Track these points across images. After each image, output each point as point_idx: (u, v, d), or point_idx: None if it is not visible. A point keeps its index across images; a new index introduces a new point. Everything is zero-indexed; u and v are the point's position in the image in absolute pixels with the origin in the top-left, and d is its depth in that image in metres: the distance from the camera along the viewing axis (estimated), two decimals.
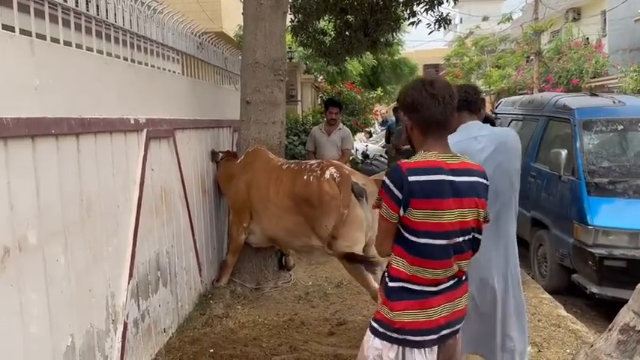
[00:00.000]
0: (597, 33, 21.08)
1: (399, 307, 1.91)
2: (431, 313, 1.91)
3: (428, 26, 7.37)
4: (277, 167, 4.29)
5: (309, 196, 3.90)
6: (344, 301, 4.61)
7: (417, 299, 1.92)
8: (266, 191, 4.21)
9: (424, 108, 1.89)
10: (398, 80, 17.77)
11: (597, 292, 4.54)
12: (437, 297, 1.93)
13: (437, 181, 1.84)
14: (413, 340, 1.91)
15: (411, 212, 1.84)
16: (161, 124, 3.60)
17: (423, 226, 1.85)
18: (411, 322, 1.90)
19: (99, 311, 2.77)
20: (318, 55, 9.06)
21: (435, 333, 1.93)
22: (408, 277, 1.91)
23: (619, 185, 4.86)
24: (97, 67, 2.84)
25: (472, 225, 1.93)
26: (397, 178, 1.85)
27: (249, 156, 4.49)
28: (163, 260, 3.64)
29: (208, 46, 5.11)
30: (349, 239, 3.79)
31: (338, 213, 3.77)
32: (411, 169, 1.85)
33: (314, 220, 3.92)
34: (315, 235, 3.99)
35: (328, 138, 6.24)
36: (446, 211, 1.85)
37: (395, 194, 1.85)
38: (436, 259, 1.88)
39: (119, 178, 3.02)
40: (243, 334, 3.89)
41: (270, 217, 4.23)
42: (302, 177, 4.00)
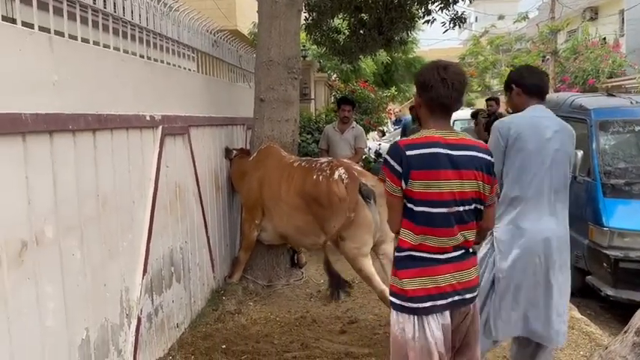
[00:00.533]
0: (615, 32, 20.79)
1: (406, 275, 2.03)
2: (438, 280, 2.01)
3: (443, 25, 7.32)
4: (289, 165, 4.30)
5: (317, 195, 3.91)
6: (355, 300, 4.60)
7: (423, 266, 2.03)
8: (277, 189, 4.22)
9: (433, 89, 2.02)
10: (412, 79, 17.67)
11: (612, 295, 4.48)
12: (443, 265, 2.03)
13: (433, 153, 1.97)
14: (424, 308, 2.01)
15: (412, 184, 1.97)
16: (176, 121, 3.63)
17: (423, 196, 1.98)
18: (419, 288, 2.01)
19: (113, 305, 2.81)
20: (331, 54, 9.06)
21: (443, 298, 2.02)
22: (414, 246, 2.03)
23: (635, 187, 4.80)
24: (114, 64, 2.87)
25: (472, 196, 2.03)
26: (396, 153, 2.00)
27: (262, 153, 4.51)
28: (177, 256, 3.67)
29: (223, 44, 5.14)
30: (357, 241, 3.78)
31: (345, 215, 3.77)
32: (408, 144, 2.01)
33: (323, 219, 3.93)
34: (325, 235, 3.99)
35: (341, 136, 6.22)
36: (444, 181, 1.97)
37: (395, 168, 1.99)
38: (437, 226, 2.00)
39: (135, 174, 3.05)
40: (255, 331, 3.92)
41: (281, 215, 4.24)
42: (312, 176, 4.00)
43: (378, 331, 3.92)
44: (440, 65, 2.06)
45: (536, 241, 2.64)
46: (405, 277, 2.04)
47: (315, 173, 4.00)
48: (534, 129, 2.68)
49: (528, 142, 2.65)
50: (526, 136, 2.66)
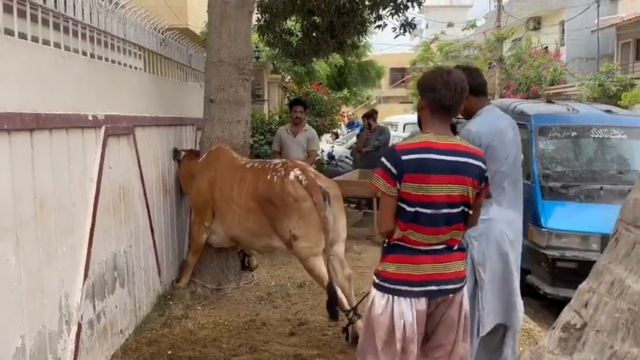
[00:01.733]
0: (556, 42, 21.83)
1: (389, 260, 2.23)
2: (417, 268, 2.19)
3: (394, 30, 7.47)
4: (241, 166, 4.26)
5: (271, 195, 3.88)
6: (306, 301, 4.62)
7: (404, 254, 2.21)
8: (229, 190, 4.17)
9: (436, 91, 2.17)
10: (364, 82, 17.93)
11: (550, 293, 4.70)
12: (423, 256, 2.20)
13: (424, 159, 2.13)
14: (399, 290, 2.19)
15: (405, 186, 2.13)
16: (121, 121, 3.53)
17: (414, 197, 2.14)
18: (398, 273, 2.20)
19: (52, 312, 2.70)
20: (285, 55, 9.06)
21: (420, 286, 2.19)
22: (399, 238, 2.20)
23: (572, 189, 5.05)
24: (54, 62, 2.77)
25: (460, 200, 2.17)
26: (392, 157, 2.16)
27: (212, 154, 4.45)
28: (121, 260, 3.56)
29: (172, 43, 5.05)
30: (310, 240, 3.79)
31: (299, 214, 3.76)
32: (404, 149, 2.16)
33: (276, 220, 3.90)
34: (277, 236, 3.98)
35: (294, 139, 6.21)
36: (434, 185, 2.12)
37: (391, 171, 2.14)
38: (423, 224, 2.16)
39: (75, 175, 2.95)
40: (202, 335, 3.86)
41: (232, 217, 4.20)
42: (265, 176, 3.98)
43: (328, 332, 3.94)
44: (444, 70, 2.24)
45: (503, 231, 2.83)
46: (387, 261, 2.24)
47: (269, 173, 3.97)
48: (500, 135, 2.84)
49: (498, 150, 2.81)
50: (495, 145, 2.81)
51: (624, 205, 2.16)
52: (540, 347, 1.47)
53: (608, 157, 5.56)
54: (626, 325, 1.66)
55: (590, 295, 1.85)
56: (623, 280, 1.77)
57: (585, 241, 4.72)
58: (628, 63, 19.51)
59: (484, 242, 2.80)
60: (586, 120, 5.63)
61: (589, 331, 1.60)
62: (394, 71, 33.69)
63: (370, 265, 5.69)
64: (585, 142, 5.61)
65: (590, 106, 6.50)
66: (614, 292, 1.74)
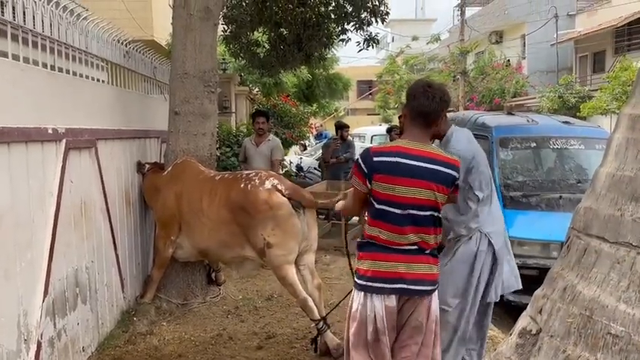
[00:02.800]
0: (517, 55, 22.51)
1: (362, 257, 2.38)
2: (385, 265, 2.32)
3: (357, 44, 7.59)
4: (210, 179, 4.23)
5: (245, 204, 3.86)
6: (274, 314, 4.59)
7: (374, 251, 2.35)
8: (198, 203, 4.13)
9: (416, 99, 2.35)
10: (332, 95, 18.08)
11: (512, 300, 4.79)
12: (392, 254, 2.33)
13: (393, 162, 2.28)
14: (371, 286, 2.32)
15: (375, 184, 2.30)
16: (82, 134, 3.47)
17: (383, 196, 2.30)
18: (369, 269, 2.34)
19: (9, 330, 2.62)
20: (252, 67, 9.09)
21: (389, 283, 2.31)
22: (370, 236, 2.36)
23: (532, 198, 5.19)
24: (12, 74, 2.71)
25: (427, 204, 2.30)
26: (366, 157, 2.33)
27: (178, 167, 4.41)
28: (82, 276, 3.48)
29: (135, 55, 4.99)
30: (284, 248, 3.78)
31: (274, 222, 3.77)
32: (377, 152, 2.34)
33: (249, 228, 3.87)
34: (249, 245, 3.95)
35: (257, 149, 6.27)
36: (399, 186, 2.27)
37: (363, 169, 2.32)
38: (389, 222, 2.31)
39: (35, 190, 2.88)
40: (167, 352, 3.79)
41: (202, 230, 4.15)
42: (238, 185, 3.96)
43: (296, 344, 3.93)
44: (426, 81, 2.45)
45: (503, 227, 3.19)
46: (361, 258, 2.38)
47: (243, 182, 3.96)
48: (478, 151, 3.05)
49: (481, 165, 3.01)
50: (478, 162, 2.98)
51: (575, 213, 2.25)
52: (498, 353, 1.51)
53: (567, 166, 5.74)
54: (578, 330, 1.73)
55: (545, 301, 1.92)
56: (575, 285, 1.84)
57: (546, 248, 4.85)
58: (586, 75, 20.28)
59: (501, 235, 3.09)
60: (545, 131, 5.82)
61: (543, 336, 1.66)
62: (361, 83, 34.07)
63: (338, 275, 5.71)
64: (545, 152, 5.80)
65: (549, 118, 6.73)
66: (566, 298, 1.81)
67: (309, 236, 3.94)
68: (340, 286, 5.32)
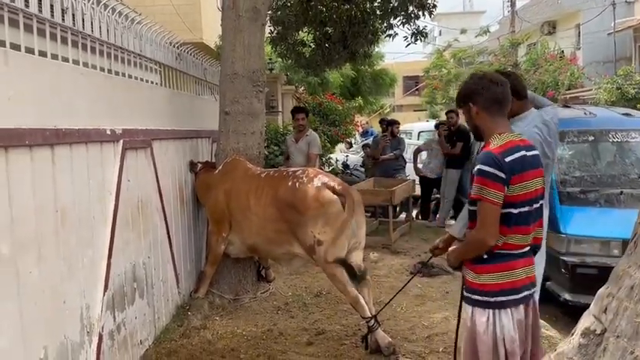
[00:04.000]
0: (572, 46, 21.61)
1: (489, 271, 2.19)
2: (512, 275, 2.18)
3: (405, 39, 7.50)
4: (256, 176, 4.29)
5: (294, 201, 3.87)
6: (323, 311, 4.61)
7: (503, 262, 2.18)
8: (246, 200, 4.19)
9: (486, 90, 2.24)
10: (378, 91, 17.93)
11: (570, 300, 4.62)
12: (519, 260, 2.20)
13: (521, 156, 2.15)
14: (500, 302, 2.16)
15: (512, 188, 2.13)
16: (138, 135, 3.60)
17: (520, 198, 2.15)
18: (498, 283, 2.17)
19: (73, 323, 2.75)
20: (297, 66, 9.15)
21: (517, 293, 2.17)
22: (499, 246, 2.17)
23: (590, 194, 4.98)
24: (73, 78, 2.84)
25: (541, 193, 2.24)
26: (496, 162, 2.12)
27: (228, 165, 4.50)
28: (140, 272, 3.61)
29: (187, 57, 5.13)
30: (336, 246, 3.76)
31: (325, 219, 3.75)
32: (503, 152, 2.14)
33: (298, 226, 3.88)
34: (298, 242, 3.96)
35: (296, 145, 6.38)
36: (530, 181, 2.17)
37: (499, 176, 2.10)
38: (523, 225, 2.18)
39: (95, 189, 3.01)
40: (221, 346, 3.87)
41: (250, 227, 4.22)
42: (286, 183, 3.98)
43: (345, 341, 3.93)
44: (479, 74, 2.35)
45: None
46: (487, 272, 2.19)
47: (290, 180, 3.97)
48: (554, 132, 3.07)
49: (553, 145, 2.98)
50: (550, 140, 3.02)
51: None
52: (560, 353, 1.46)
53: (627, 160, 5.47)
54: None
55: (610, 300, 1.83)
56: None
57: (606, 246, 4.64)
58: None
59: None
60: (604, 124, 5.57)
61: (609, 336, 1.58)
62: (407, 79, 33.67)
63: (387, 273, 5.67)
64: (604, 146, 5.55)
65: (608, 110, 6.43)
66: (634, 297, 1.72)
67: (358, 234, 3.92)
68: (389, 284, 5.29)
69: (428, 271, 5.56)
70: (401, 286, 5.17)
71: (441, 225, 7.98)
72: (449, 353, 3.68)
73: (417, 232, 7.59)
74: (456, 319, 4.24)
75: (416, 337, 3.96)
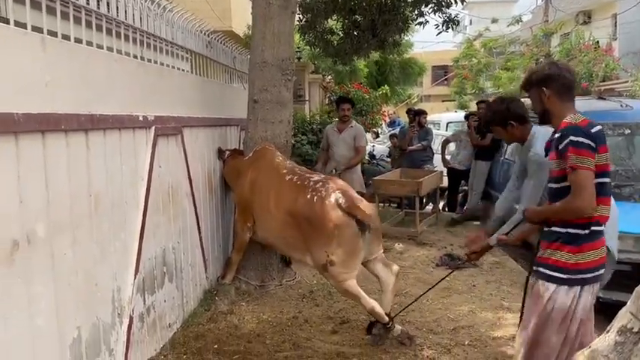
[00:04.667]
0: (608, 36, 20.95)
1: (581, 250, 2.33)
2: (598, 253, 2.36)
3: (436, 27, 7.39)
4: (281, 175, 4.17)
5: (311, 217, 3.77)
6: (347, 301, 4.58)
7: (593, 240, 2.35)
8: (267, 199, 4.15)
9: (560, 76, 2.44)
10: (406, 80, 17.76)
11: (602, 296, 4.49)
12: (601, 237, 2.39)
13: (600, 130, 2.35)
14: (585, 278, 2.33)
15: (597, 157, 2.30)
16: (169, 122, 3.64)
17: (602, 168, 2.32)
18: (588, 262, 2.33)
19: (105, 305, 2.81)
20: (325, 55, 9.11)
21: (597, 270, 2.36)
22: (595, 218, 2.33)
23: (625, 189, 4.84)
24: (107, 65, 2.88)
25: (608, 168, 2.39)
26: (586, 132, 2.28)
27: (257, 153, 4.50)
28: (169, 256, 3.67)
29: (217, 45, 5.15)
30: (348, 267, 3.69)
31: (338, 241, 3.64)
32: (588, 124, 2.33)
33: (312, 241, 3.79)
34: (310, 256, 3.88)
35: (339, 136, 6.23)
36: (606, 154, 2.34)
37: (590, 145, 2.27)
38: (606, 195, 2.36)
39: (127, 174, 3.06)
40: (247, 331, 3.93)
41: (268, 227, 4.21)
42: (305, 195, 3.85)
43: None
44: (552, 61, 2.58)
45: None
46: (580, 252, 2.33)
47: (309, 193, 3.83)
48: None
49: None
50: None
51: None
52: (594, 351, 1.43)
53: None
54: None
55: None
56: None
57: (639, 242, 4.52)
58: None
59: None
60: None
61: None
62: (436, 69, 33.21)
63: (412, 264, 5.65)
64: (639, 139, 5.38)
65: None
66: None
67: (373, 250, 3.83)
68: (414, 275, 5.27)
69: (454, 263, 5.52)
70: (426, 277, 5.18)
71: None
72: (475, 346, 3.66)
73: (444, 224, 7.52)
74: (482, 313, 4.24)
75: (441, 330, 3.94)
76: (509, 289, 4.83)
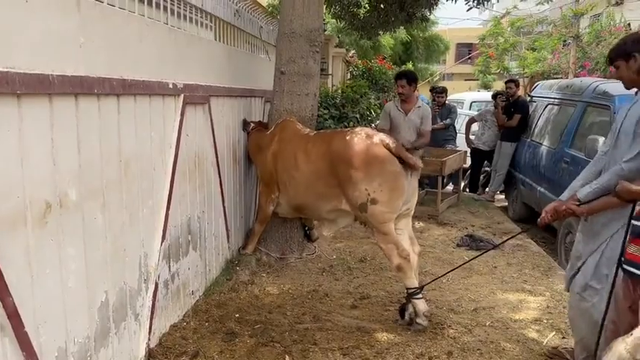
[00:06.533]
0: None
1: None
2: None
3: (467, 2, 7.18)
4: (305, 135, 4.23)
5: (350, 154, 3.71)
6: (367, 276, 4.63)
7: None
8: (294, 160, 4.14)
9: None
10: (430, 58, 17.46)
11: None
12: None
13: None
14: None
15: None
16: (197, 90, 3.61)
17: None
18: None
19: (132, 270, 2.84)
20: (351, 29, 8.94)
21: None
22: None
23: None
24: (139, 29, 2.84)
25: None
26: None
27: (278, 127, 4.48)
28: (194, 225, 3.69)
29: (245, 14, 5.07)
30: (390, 206, 3.65)
31: (382, 178, 3.62)
32: None
33: (350, 182, 3.73)
34: (346, 199, 3.85)
35: (406, 117, 5.55)
36: None
37: None
38: None
39: (156, 141, 3.05)
40: (267, 301, 3.96)
41: (297, 185, 4.17)
42: (342, 137, 3.83)
43: (390, 307, 3.94)
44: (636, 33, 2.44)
45: None
46: None
47: (348, 135, 3.82)
48: None
49: None
50: None
51: None
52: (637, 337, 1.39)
53: None
54: None
55: None
56: None
57: None
58: None
59: None
60: None
61: None
62: (460, 46, 32.58)
63: (432, 244, 5.62)
64: None
65: None
66: None
67: (411, 200, 3.84)
68: (434, 255, 5.25)
69: (476, 244, 5.47)
70: (446, 257, 5.15)
71: (490, 199, 7.80)
72: (496, 327, 3.64)
73: (465, 205, 7.45)
74: (503, 294, 4.20)
75: (462, 310, 3.93)
76: (531, 272, 4.79)
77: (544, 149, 6.43)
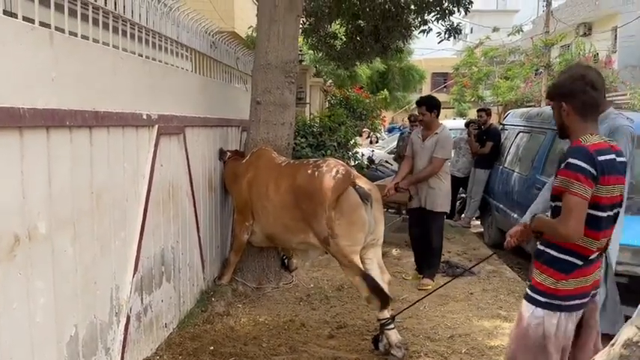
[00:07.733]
0: (607, 49, 21.07)
1: (564, 277, 2.22)
2: (585, 280, 2.23)
3: (438, 35, 7.41)
4: (277, 165, 4.29)
5: (310, 189, 3.80)
6: (344, 305, 4.61)
7: (579, 268, 2.22)
8: (265, 189, 4.19)
9: (584, 94, 2.20)
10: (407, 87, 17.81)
11: None
12: (590, 266, 2.24)
13: (611, 159, 2.14)
14: (570, 305, 2.23)
15: (598, 188, 2.12)
16: (172, 121, 3.63)
17: (602, 201, 2.14)
18: (573, 289, 2.22)
19: (103, 303, 2.80)
20: (328, 59, 9.13)
21: (585, 297, 2.25)
22: (577, 248, 2.19)
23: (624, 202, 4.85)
24: (113, 62, 2.87)
25: (619, 200, 2.23)
26: (589, 158, 2.10)
27: (254, 155, 4.52)
28: (168, 255, 3.66)
29: (221, 45, 5.15)
30: (350, 239, 3.71)
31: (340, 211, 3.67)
32: (597, 150, 2.12)
33: (313, 215, 3.81)
34: (312, 232, 3.91)
35: (422, 144, 5.25)
36: (613, 186, 2.16)
37: (590, 172, 2.08)
38: (602, 229, 2.19)
39: (129, 172, 3.05)
40: (243, 333, 3.91)
41: (268, 215, 4.22)
42: (305, 171, 3.93)
43: (367, 336, 3.93)
44: (582, 71, 2.25)
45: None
46: (563, 279, 2.22)
47: (310, 168, 3.92)
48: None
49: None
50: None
51: None
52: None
53: None
54: None
55: None
56: None
57: (637, 255, 4.52)
58: None
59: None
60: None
61: None
62: (436, 76, 33.32)
63: (408, 270, 5.64)
64: (637, 153, 5.38)
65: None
66: None
67: (376, 230, 3.85)
68: (410, 282, 5.27)
69: (452, 271, 5.51)
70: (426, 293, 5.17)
71: (466, 225, 7.90)
72: (472, 355, 3.66)
73: None
74: (479, 321, 4.23)
75: (438, 337, 3.94)
76: (507, 298, 4.83)
77: (516, 176, 6.57)
